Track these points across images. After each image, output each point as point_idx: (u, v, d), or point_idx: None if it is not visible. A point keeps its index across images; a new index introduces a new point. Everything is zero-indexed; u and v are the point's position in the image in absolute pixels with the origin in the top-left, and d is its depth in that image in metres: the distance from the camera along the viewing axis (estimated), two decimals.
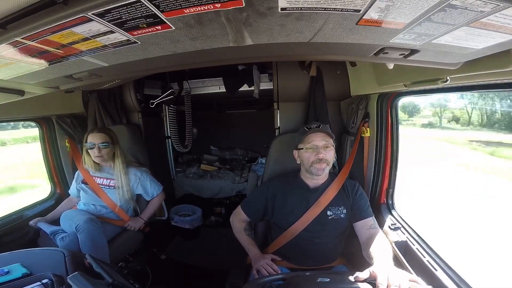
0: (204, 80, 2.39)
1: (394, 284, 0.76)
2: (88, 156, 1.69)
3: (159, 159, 2.65)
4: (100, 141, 1.64)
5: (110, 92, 2.04)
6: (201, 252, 2.50)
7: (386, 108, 1.40)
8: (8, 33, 0.51)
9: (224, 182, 2.83)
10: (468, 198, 2.40)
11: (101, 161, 1.68)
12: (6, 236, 1.59)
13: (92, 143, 1.64)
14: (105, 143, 1.65)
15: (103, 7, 0.44)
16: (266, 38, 0.59)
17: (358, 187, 1.33)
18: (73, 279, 0.73)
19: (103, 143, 1.64)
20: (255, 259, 1.24)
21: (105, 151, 1.66)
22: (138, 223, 1.77)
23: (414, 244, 1.16)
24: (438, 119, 3.31)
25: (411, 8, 0.46)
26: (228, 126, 3.80)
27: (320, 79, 1.62)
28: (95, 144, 1.63)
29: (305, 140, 1.26)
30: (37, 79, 0.84)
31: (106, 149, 1.66)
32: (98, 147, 1.64)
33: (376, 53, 0.68)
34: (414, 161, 3.07)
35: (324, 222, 1.26)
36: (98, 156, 1.65)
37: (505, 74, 0.70)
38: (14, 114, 1.62)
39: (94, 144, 1.63)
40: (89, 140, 1.65)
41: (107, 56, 0.66)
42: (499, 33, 0.53)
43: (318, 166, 1.22)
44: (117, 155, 1.72)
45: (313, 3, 0.45)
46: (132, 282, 0.92)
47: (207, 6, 0.45)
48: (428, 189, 2.86)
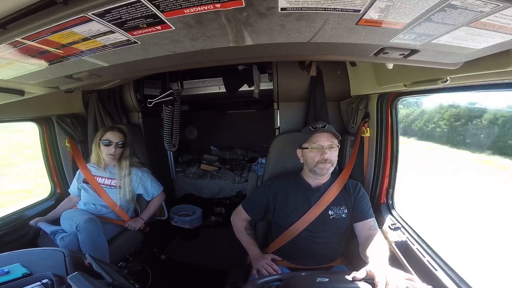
0: (204, 80, 2.38)
1: (391, 282, 0.77)
2: (97, 151, 1.72)
3: (159, 159, 2.65)
4: (118, 140, 1.70)
5: (110, 92, 2.04)
6: (201, 252, 2.50)
7: (386, 108, 1.40)
8: (8, 33, 0.51)
9: (224, 182, 2.83)
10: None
11: (111, 159, 1.73)
12: (6, 236, 1.59)
13: (109, 140, 1.69)
14: (121, 143, 1.71)
15: (103, 7, 0.44)
16: (266, 38, 0.59)
17: (360, 187, 1.33)
18: (73, 279, 0.73)
19: (120, 143, 1.71)
20: (255, 259, 1.24)
21: (119, 150, 1.72)
22: (138, 223, 1.78)
23: (414, 244, 1.16)
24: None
25: (411, 8, 0.46)
26: (228, 126, 3.80)
27: (320, 79, 1.62)
28: (112, 142, 1.69)
29: (310, 140, 1.26)
30: (37, 79, 0.84)
31: (120, 149, 1.72)
32: (115, 145, 1.69)
33: (376, 53, 0.68)
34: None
35: (325, 221, 1.26)
36: (111, 154, 1.69)
37: (505, 74, 0.69)
38: (14, 114, 1.62)
39: (112, 142, 1.69)
40: (106, 137, 1.69)
41: (107, 56, 0.66)
42: (499, 33, 0.53)
43: (323, 166, 1.22)
44: (125, 156, 1.76)
45: (313, 3, 0.45)
46: (132, 282, 0.92)
47: (207, 6, 0.45)
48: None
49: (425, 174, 2.34)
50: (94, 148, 1.74)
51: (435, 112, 2.14)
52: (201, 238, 2.70)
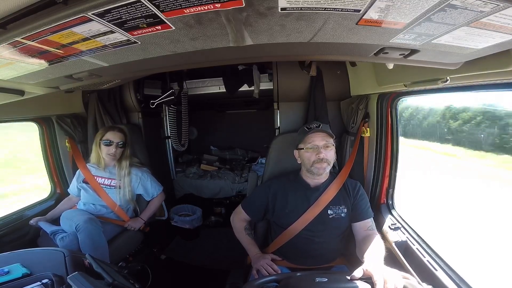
0: (204, 80, 2.39)
1: (389, 280, 0.78)
2: (97, 151, 1.72)
3: (159, 159, 2.65)
4: (118, 140, 1.70)
5: (110, 92, 2.04)
6: (201, 252, 2.50)
7: (386, 108, 1.40)
8: (8, 33, 0.51)
9: (224, 182, 2.83)
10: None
11: (111, 159, 1.73)
12: (6, 236, 1.59)
13: (110, 140, 1.68)
14: (121, 143, 1.71)
15: (103, 7, 0.44)
16: (266, 38, 0.59)
17: (360, 187, 1.33)
18: (73, 279, 0.73)
19: (120, 143, 1.70)
20: (255, 259, 1.24)
21: (119, 150, 1.71)
22: (138, 223, 1.78)
23: (414, 244, 1.16)
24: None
25: (411, 8, 0.46)
26: (228, 126, 3.80)
27: (320, 79, 1.62)
28: (113, 142, 1.68)
29: (305, 140, 1.26)
30: (37, 79, 0.84)
31: (121, 149, 1.72)
32: (115, 145, 1.68)
33: (376, 53, 0.68)
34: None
35: (324, 221, 1.26)
36: (111, 154, 1.69)
37: (505, 74, 0.69)
38: (14, 114, 1.62)
39: (112, 142, 1.68)
40: (107, 137, 1.69)
41: (107, 56, 0.66)
42: (499, 33, 0.52)
43: (319, 166, 1.23)
44: (125, 156, 1.76)
45: (313, 3, 0.45)
46: (132, 282, 0.92)
47: (207, 6, 0.45)
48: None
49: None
50: (95, 148, 1.74)
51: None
52: (201, 238, 2.70)
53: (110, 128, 1.74)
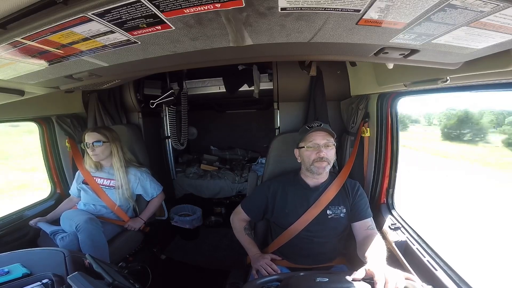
0: (204, 80, 2.39)
1: (391, 280, 0.77)
2: (88, 156, 1.72)
3: (159, 159, 2.65)
4: (94, 140, 1.67)
5: (110, 92, 2.04)
6: (201, 252, 2.50)
7: (386, 108, 1.40)
8: (8, 33, 0.51)
9: (224, 182, 2.83)
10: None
11: (97, 159, 1.71)
12: (6, 236, 1.59)
13: (87, 142, 1.68)
14: (98, 142, 1.68)
15: (103, 7, 0.44)
16: (266, 38, 0.59)
17: (359, 187, 1.33)
18: (73, 279, 0.73)
19: (97, 142, 1.67)
20: (255, 259, 1.24)
21: (99, 149, 1.68)
22: (138, 224, 1.78)
23: (414, 244, 1.16)
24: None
25: (411, 8, 0.46)
26: (228, 126, 3.79)
27: (320, 79, 1.62)
28: (89, 143, 1.67)
29: (306, 139, 1.26)
30: (37, 79, 0.84)
31: (100, 147, 1.68)
32: (92, 146, 1.67)
33: (376, 53, 0.68)
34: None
35: (324, 221, 1.26)
36: (94, 155, 1.68)
37: (505, 74, 0.70)
38: (14, 114, 1.62)
39: (88, 143, 1.67)
40: (85, 140, 1.69)
41: (107, 56, 0.66)
42: (499, 33, 0.52)
43: (319, 165, 1.23)
44: (114, 154, 1.73)
45: (313, 3, 0.45)
46: (132, 282, 0.92)
47: (207, 6, 0.45)
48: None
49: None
50: (86, 154, 1.75)
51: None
52: (201, 238, 2.70)
53: (87, 131, 1.72)
